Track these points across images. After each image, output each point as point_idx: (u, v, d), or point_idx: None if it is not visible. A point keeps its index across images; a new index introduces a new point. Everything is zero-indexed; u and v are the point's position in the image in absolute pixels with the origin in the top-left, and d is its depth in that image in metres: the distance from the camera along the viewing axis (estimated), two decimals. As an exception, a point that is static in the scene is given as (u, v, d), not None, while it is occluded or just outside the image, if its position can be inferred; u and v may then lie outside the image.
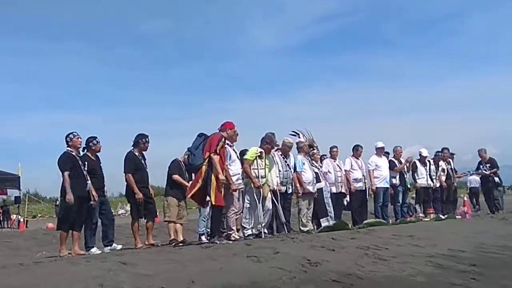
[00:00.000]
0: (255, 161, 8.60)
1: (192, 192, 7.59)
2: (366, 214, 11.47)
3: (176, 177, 8.76)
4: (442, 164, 13.14)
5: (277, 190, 8.97)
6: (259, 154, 8.65)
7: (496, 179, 13.75)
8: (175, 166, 8.87)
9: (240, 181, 8.40)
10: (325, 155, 11.40)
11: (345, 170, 11.39)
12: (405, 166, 12.28)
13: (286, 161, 9.68)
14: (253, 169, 8.55)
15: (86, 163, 7.87)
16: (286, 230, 9.00)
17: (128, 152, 8.47)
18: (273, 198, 8.80)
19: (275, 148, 9.46)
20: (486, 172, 13.76)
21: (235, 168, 8.27)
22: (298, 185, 9.65)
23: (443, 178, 13.08)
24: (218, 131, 7.92)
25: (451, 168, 13.38)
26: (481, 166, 14.02)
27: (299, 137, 10.43)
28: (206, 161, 7.55)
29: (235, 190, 8.03)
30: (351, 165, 11.52)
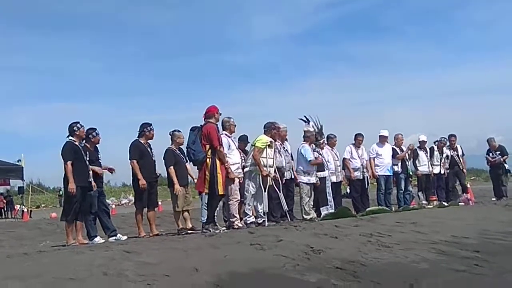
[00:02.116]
0: (265, 150, 8.63)
1: (206, 186, 7.74)
2: (368, 202, 11.47)
3: (170, 170, 8.68)
4: (446, 151, 13.14)
5: (279, 178, 8.97)
6: (269, 143, 8.69)
7: (506, 166, 13.90)
8: (169, 156, 8.77)
9: (240, 170, 8.53)
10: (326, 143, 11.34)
11: (344, 158, 11.38)
12: (406, 154, 12.27)
13: (284, 148, 9.72)
14: (261, 157, 8.59)
15: (87, 153, 7.90)
16: (288, 218, 9.02)
17: (134, 140, 8.47)
18: (275, 186, 8.82)
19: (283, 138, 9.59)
20: (501, 159, 13.85)
21: (234, 157, 8.46)
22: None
23: (447, 165, 13.12)
24: (204, 119, 7.93)
25: (457, 155, 13.37)
26: (490, 154, 14.09)
27: (307, 124, 10.38)
28: (209, 153, 7.62)
29: (233, 179, 8.13)
30: (351, 154, 11.50)
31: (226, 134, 8.47)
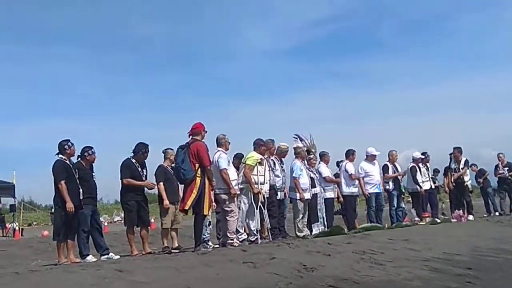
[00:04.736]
0: (255, 167, 8.64)
1: (189, 203, 7.58)
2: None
3: (160, 186, 8.71)
4: (452, 165, 13.40)
5: (264, 195, 8.88)
6: (259, 160, 8.70)
7: None
8: (160, 173, 8.79)
9: (236, 186, 8.45)
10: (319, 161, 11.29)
11: (350, 174, 11.32)
12: (399, 176, 12.30)
13: (282, 166, 9.72)
14: (252, 175, 8.59)
15: (77, 170, 7.89)
16: (270, 237, 8.91)
17: (125, 160, 8.47)
18: (260, 203, 8.76)
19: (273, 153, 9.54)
20: (507, 175, 14.23)
21: (232, 174, 8.40)
22: (300, 191, 9.70)
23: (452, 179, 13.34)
24: (190, 136, 7.85)
25: (459, 168, 13.44)
26: (498, 169, 14.43)
27: (297, 141, 10.39)
28: (199, 172, 7.57)
29: (235, 195, 8.13)
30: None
31: (223, 151, 8.44)
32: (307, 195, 9.82)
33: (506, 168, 14.33)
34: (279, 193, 9.43)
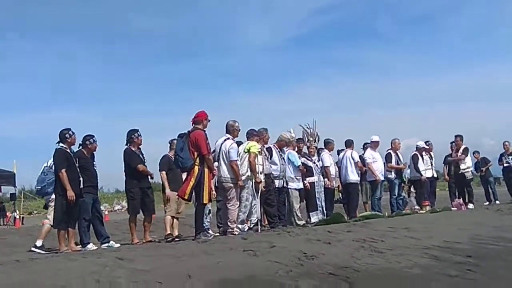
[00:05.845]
0: (256, 157, 8.64)
1: (187, 191, 7.59)
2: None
3: (162, 175, 8.74)
4: (453, 154, 13.42)
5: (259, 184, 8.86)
6: (260, 150, 8.69)
7: None
8: (164, 162, 8.83)
9: (244, 176, 8.43)
10: (322, 148, 11.28)
11: (357, 162, 11.34)
12: (402, 169, 12.34)
13: (281, 155, 9.70)
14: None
15: (77, 159, 7.89)
16: (258, 227, 8.80)
17: (126, 149, 8.48)
18: (255, 191, 8.78)
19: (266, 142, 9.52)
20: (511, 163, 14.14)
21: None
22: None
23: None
24: (192, 125, 7.84)
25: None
26: (503, 158, 14.35)
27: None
28: (198, 160, 7.55)
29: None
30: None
31: (231, 139, 8.37)
32: (301, 184, 9.84)
33: (510, 157, 14.17)
34: (277, 181, 9.42)
